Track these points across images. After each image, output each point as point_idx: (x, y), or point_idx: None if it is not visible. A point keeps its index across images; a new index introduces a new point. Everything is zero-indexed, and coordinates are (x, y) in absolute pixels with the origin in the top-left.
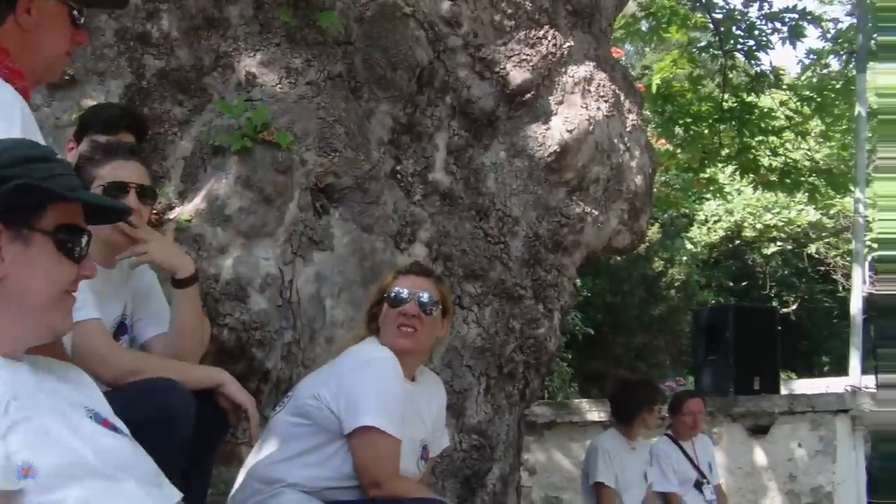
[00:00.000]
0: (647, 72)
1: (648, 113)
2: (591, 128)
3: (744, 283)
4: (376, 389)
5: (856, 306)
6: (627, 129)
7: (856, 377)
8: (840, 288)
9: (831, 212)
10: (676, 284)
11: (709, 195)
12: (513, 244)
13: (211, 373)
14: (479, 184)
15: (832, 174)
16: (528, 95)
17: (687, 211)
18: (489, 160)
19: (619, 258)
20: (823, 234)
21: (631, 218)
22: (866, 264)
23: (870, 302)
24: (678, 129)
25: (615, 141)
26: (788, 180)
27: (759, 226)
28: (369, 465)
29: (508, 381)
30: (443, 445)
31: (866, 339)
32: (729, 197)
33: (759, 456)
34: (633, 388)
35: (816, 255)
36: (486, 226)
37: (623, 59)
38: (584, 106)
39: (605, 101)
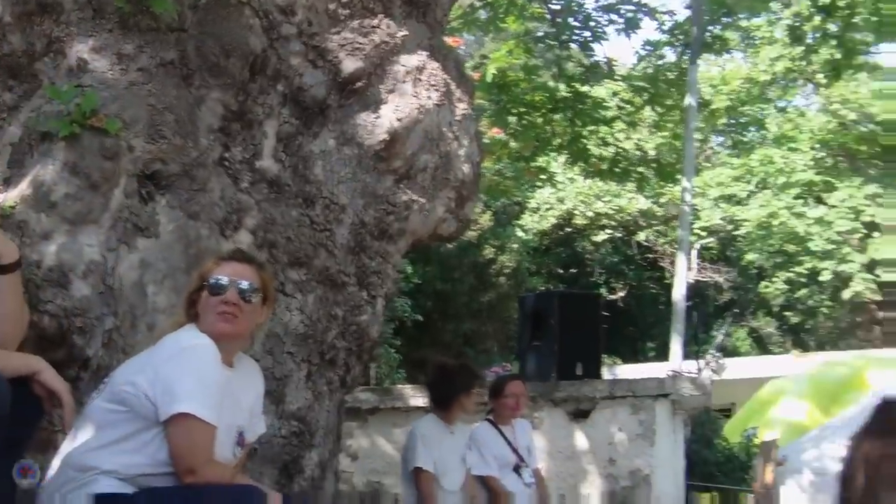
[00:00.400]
0: (485, 61)
1: (485, 102)
2: (420, 116)
3: (573, 270)
4: (193, 376)
5: (679, 293)
6: (457, 118)
7: (677, 362)
8: (667, 275)
9: (661, 200)
10: (506, 271)
11: (540, 184)
12: (338, 231)
13: (27, 360)
14: (307, 171)
15: (661, 164)
16: (360, 84)
17: (519, 199)
18: (318, 148)
19: (449, 245)
20: (653, 223)
21: (458, 206)
22: (694, 252)
23: (695, 289)
24: (512, 119)
25: (444, 130)
26: (618, 169)
27: (589, 214)
28: (184, 453)
29: (330, 367)
30: (259, 432)
31: (689, 325)
32: (561, 185)
33: (580, 440)
34: (450, 373)
35: (645, 243)
36: (313, 213)
37: (462, 48)
38: (415, 95)
39: (436, 91)
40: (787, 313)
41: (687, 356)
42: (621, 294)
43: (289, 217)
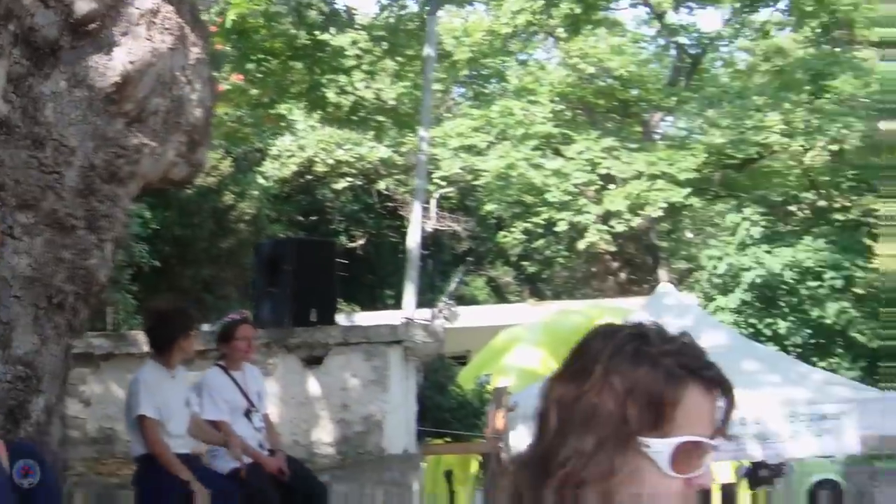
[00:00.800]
0: (229, 5)
1: (228, 48)
2: (153, 60)
3: (314, 218)
4: None
5: (413, 241)
6: (191, 63)
7: (411, 310)
8: (406, 224)
9: (402, 149)
10: (247, 218)
11: (280, 131)
12: (67, 174)
13: None
14: (38, 113)
15: (399, 113)
16: (93, 26)
17: (260, 146)
18: (49, 89)
19: (189, 191)
20: (393, 171)
21: (189, 150)
22: (433, 201)
23: (433, 238)
24: (251, 65)
25: (177, 74)
26: (356, 118)
27: (330, 161)
28: None
29: (57, 311)
30: None
31: (424, 273)
32: (302, 133)
33: (313, 386)
34: (167, 318)
35: (385, 192)
36: (42, 155)
37: None
38: (149, 38)
39: (170, 34)
40: (524, 263)
41: (422, 304)
42: (361, 242)
43: (17, 159)
